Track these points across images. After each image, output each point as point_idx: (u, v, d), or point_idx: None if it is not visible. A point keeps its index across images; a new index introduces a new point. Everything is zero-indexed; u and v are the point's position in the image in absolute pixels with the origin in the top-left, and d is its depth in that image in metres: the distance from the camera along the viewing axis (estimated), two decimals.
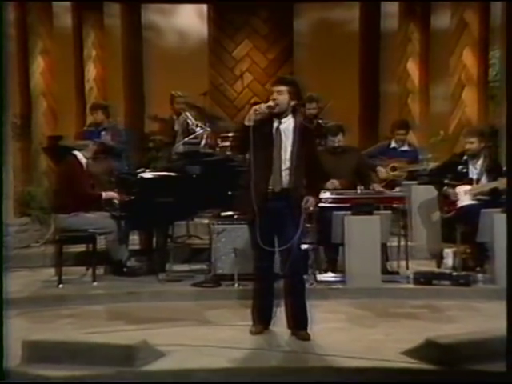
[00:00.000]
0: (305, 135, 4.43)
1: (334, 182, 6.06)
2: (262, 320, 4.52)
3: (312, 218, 5.70)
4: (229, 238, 5.80)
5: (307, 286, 4.86)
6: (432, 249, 6.69)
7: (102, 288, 5.76)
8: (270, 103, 4.33)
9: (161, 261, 6.05)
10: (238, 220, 5.75)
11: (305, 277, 4.87)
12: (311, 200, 4.42)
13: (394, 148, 7.32)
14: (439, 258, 6.38)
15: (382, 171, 7.12)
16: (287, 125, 4.41)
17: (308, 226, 5.98)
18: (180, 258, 6.39)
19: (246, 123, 4.28)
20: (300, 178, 4.41)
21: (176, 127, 7.50)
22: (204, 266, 6.20)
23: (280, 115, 4.39)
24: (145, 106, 10.40)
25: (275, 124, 4.40)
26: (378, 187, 6.10)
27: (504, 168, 5.74)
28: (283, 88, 4.37)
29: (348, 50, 10.55)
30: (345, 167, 6.18)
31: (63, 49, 9.90)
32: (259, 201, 4.29)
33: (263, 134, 4.32)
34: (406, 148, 7.35)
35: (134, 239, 6.64)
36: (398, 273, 5.98)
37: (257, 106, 4.30)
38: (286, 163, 4.35)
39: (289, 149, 4.37)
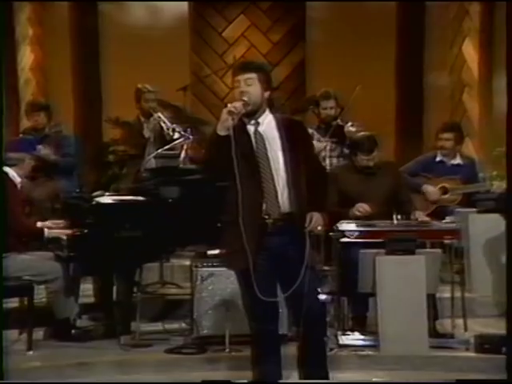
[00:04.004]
0: (294, 132, 4.49)
1: (362, 207, 6.07)
2: None
3: (332, 257, 5.73)
4: (218, 286, 5.81)
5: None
6: (500, 303, 6.68)
7: (42, 359, 5.72)
8: (245, 98, 4.38)
9: (124, 318, 6.03)
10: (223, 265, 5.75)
11: None
12: (316, 216, 4.41)
13: (441, 162, 7.34)
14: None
15: (432, 191, 7.13)
16: (267, 124, 4.48)
17: (326, 268, 6.02)
18: (150, 313, 6.40)
19: (221, 133, 4.30)
20: (303, 194, 4.43)
21: (145, 134, 7.55)
22: (183, 325, 6.20)
23: (254, 114, 4.46)
24: (102, 104, 10.46)
25: (251, 127, 4.46)
26: (421, 216, 6.12)
27: None
28: (253, 76, 4.45)
29: (381, 29, 10.59)
30: (377, 190, 6.20)
31: None
32: (252, 238, 4.31)
33: (240, 145, 4.34)
34: (458, 161, 7.36)
35: (87, 289, 6.64)
36: (452, 336, 5.98)
37: (230, 107, 4.31)
38: (279, 178, 4.40)
39: (279, 156, 4.41)
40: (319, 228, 4.47)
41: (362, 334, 5.90)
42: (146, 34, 10.65)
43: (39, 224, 6.09)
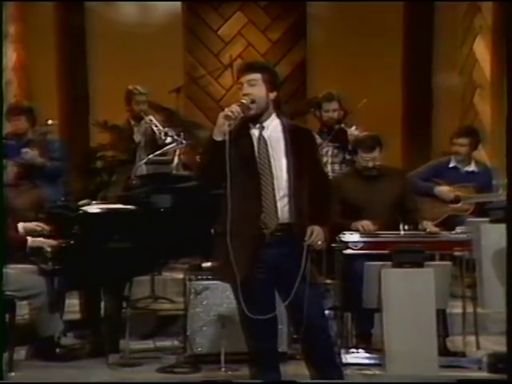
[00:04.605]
0: (301, 140, 4.48)
1: (367, 224, 6.03)
2: None
3: (334, 269, 5.71)
4: (213, 301, 5.81)
5: None
6: None
7: (24, 380, 5.68)
8: (243, 101, 4.37)
9: (112, 336, 6.02)
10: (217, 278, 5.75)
11: None
12: (317, 231, 4.41)
13: (455, 168, 7.37)
14: None
15: (446, 191, 7.12)
16: (272, 129, 4.47)
17: (328, 282, 6.00)
18: (141, 330, 6.39)
19: (217, 138, 4.29)
20: (305, 205, 4.42)
21: (136, 138, 7.55)
22: (176, 343, 6.19)
23: (258, 117, 4.44)
24: (89, 107, 10.45)
25: (255, 131, 4.45)
26: (430, 226, 6.11)
27: None
28: (256, 76, 4.44)
29: (387, 26, 10.58)
30: (381, 196, 6.20)
31: None
32: (248, 249, 4.32)
33: (241, 149, 4.35)
34: (473, 168, 7.41)
35: (73, 304, 6.62)
36: (463, 354, 5.97)
37: (227, 111, 4.30)
38: (281, 187, 4.39)
39: (283, 163, 4.40)
40: (319, 243, 4.44)
41: (367, 352, 5.90)
42: (137, 32, 10.64)
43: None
